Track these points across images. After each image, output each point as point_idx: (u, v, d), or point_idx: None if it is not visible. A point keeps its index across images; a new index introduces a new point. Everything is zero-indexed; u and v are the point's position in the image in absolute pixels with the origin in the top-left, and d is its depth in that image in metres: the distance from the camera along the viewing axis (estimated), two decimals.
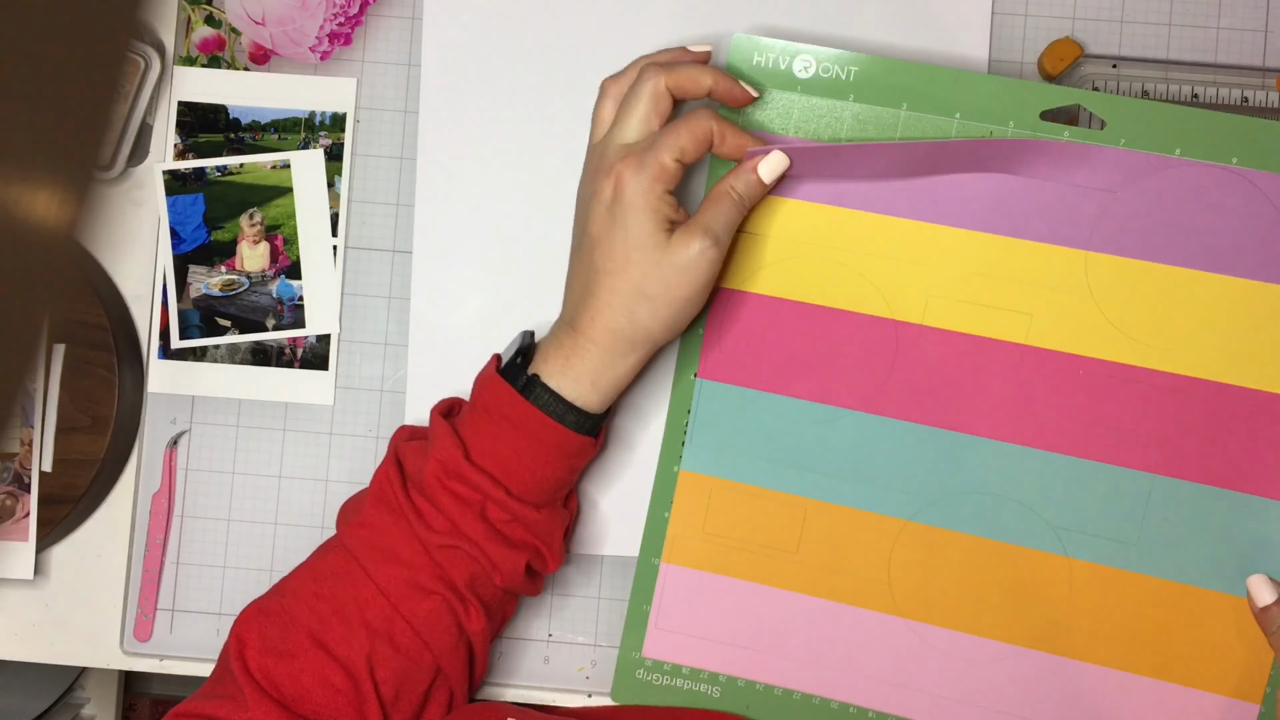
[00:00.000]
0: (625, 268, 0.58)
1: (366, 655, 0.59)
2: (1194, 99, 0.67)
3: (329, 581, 0.60)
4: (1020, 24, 0.69)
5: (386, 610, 0.59)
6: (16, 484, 0.67)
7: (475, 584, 0.60)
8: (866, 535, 0.63)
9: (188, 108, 0.69)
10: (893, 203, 0.62)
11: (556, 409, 0.59)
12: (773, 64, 0.62)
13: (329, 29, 0.69)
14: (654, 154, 0.58)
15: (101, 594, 0.69)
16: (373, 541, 0.60)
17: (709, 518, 0.64)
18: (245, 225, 0.69)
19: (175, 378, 0.69)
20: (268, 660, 0.59)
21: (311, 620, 0.59)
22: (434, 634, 0.60)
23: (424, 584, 0.59)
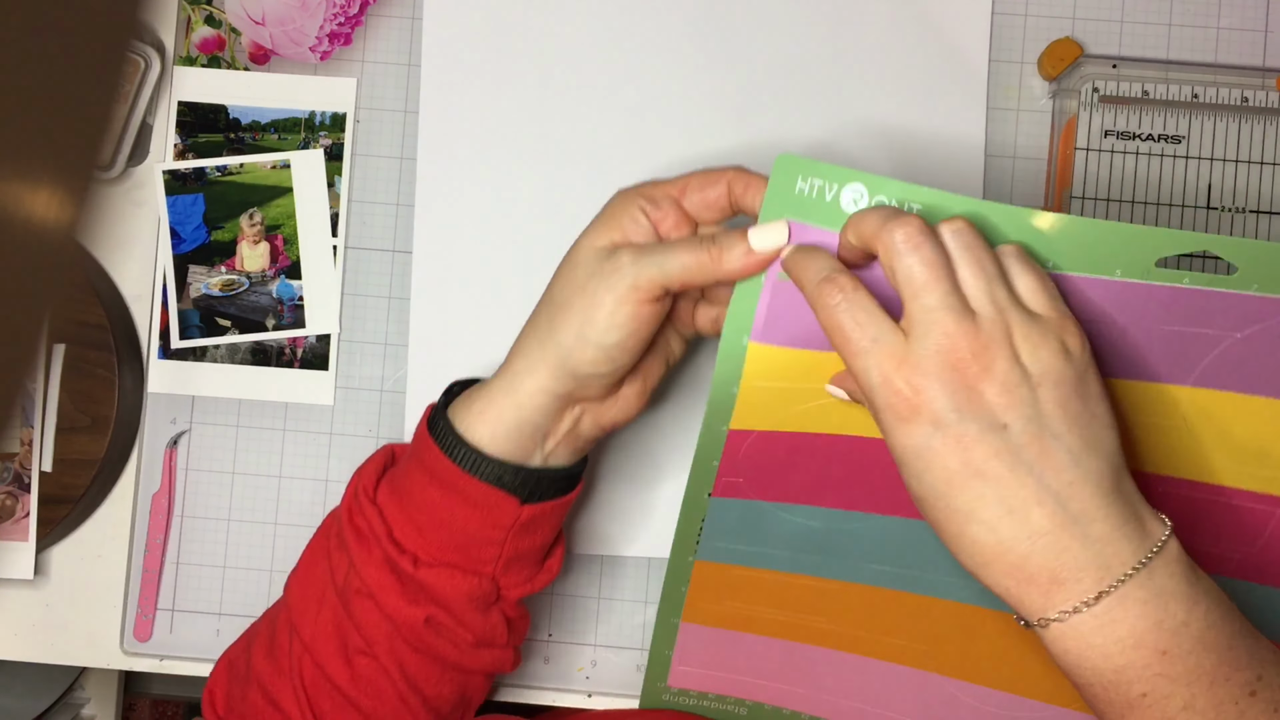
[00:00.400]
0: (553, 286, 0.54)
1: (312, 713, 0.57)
2: (1194, 99, 0.67)
3: (280, 633, 0.58)
4: (1020, 24, 0.69)
5: (311, 669, 0.56)
6: (16, 484, 0.67)
7: (387, 644, 0.56)
8: (904, 610, 0.59)
9: (188, 108, 0.69)
10: None
11: (448, 442, 0.54)
12: (818, 192, 0.51)
13: (329, 29, 0.69)
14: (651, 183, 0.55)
15: (101, 594, 0.69)
16: (296, 586, 0.59)
17: (729, 597, 0.61)
18: (245, 225, 0.69)
19: (175, 378, 0.69)
20: (232, 718, 0.59)
21: (263, 675, 0.58)
22: (366, 695, 0.56)
23: (333, 636, 0.56)
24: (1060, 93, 0.68)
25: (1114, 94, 0.67)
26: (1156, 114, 0.67)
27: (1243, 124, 0.67)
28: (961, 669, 0.61)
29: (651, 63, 0.68)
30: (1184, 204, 0.67)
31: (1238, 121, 0.67)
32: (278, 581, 0.69)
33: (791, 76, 0.68)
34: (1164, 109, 0.67)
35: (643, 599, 0.68)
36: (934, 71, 0.68)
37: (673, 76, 0.68)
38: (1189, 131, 0.67)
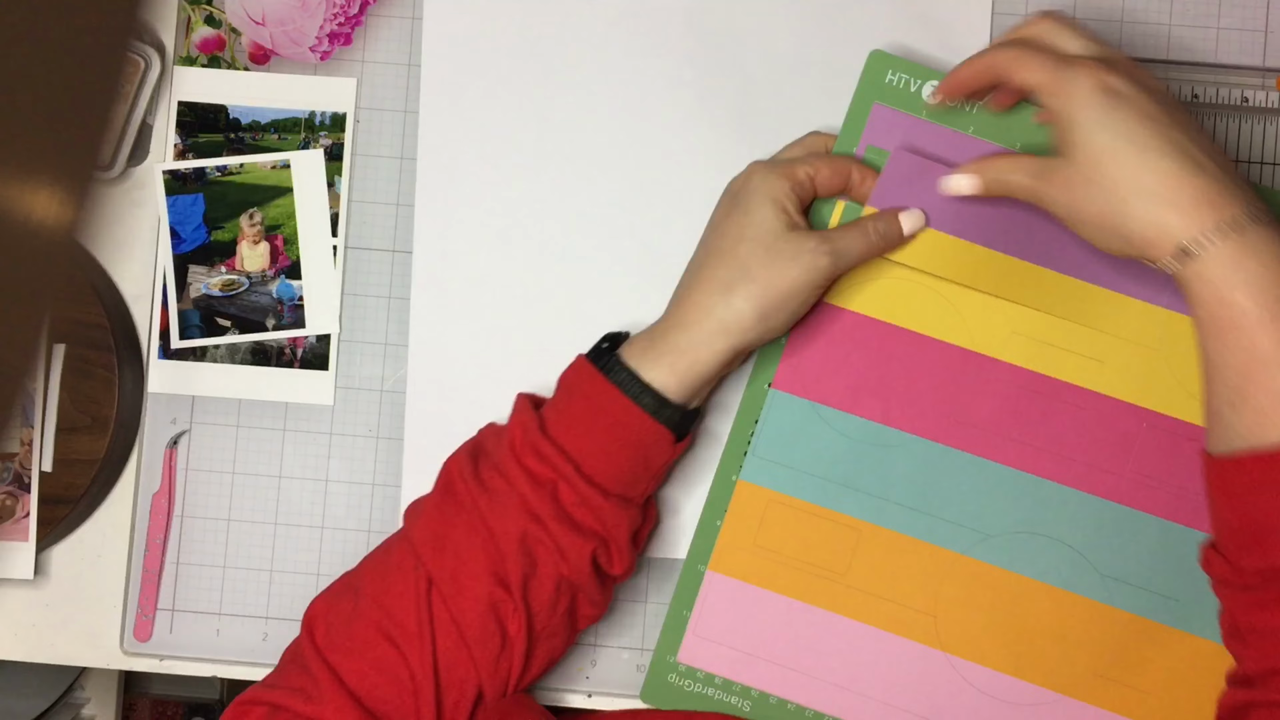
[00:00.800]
0: (735, 246, 0.59)
1: (430, 650, 0.58)
2: (1194, 99, 0.67)
3: (393, 575, 0.59)
4: None
5: (438, 605, 0.58)
6: (16, 484, 0.67)
7: (528, 585, 0.59)
8: (918, 565, 0.63)
9: (188, 108, 0.69)
10: (995, 236, 0.62)
11: (633, 388, 0.58)
12: (903, 84, 0.64)
13: (329, 29, 0.69)
14: (788, 162, 0.61)
15: (101, 594, 0.69)
16: (432, 529, 0.59)
17: (762, 530, 0.64)
18: (245, 225, 0.69)
19: (175, 378, 0.69)
20: (335, 655, 0.58)
21: (376, 613, 0.59)
22: (480, 640, 0.58)
23: (480, 576, 0.58)
24: None
25: None
26: None
27: (1243, 124, 0.67)
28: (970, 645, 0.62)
29: (651, 63, 0.68)
30: None
31: (1238, 121, 0.67)
32: (278, 581, 0.69)
33: (791, 76, 0.68)
34: None
35: (643, 599, 0.68)
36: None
37: (672, 76, 0.68)
38: None
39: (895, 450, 0.64)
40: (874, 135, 0.64)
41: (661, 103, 0.68)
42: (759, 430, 0.64)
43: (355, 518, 0.69)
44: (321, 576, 0.68)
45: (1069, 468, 0.63)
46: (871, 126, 0.64)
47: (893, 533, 0.63)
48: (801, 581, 0.64)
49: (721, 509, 0.64)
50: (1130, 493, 0.63)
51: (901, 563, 0.63)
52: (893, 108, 0.64)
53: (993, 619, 0.63)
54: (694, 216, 0.69)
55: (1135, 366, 0.63)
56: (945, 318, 0.64)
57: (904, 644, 0.63)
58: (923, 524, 0.63)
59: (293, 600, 0.69)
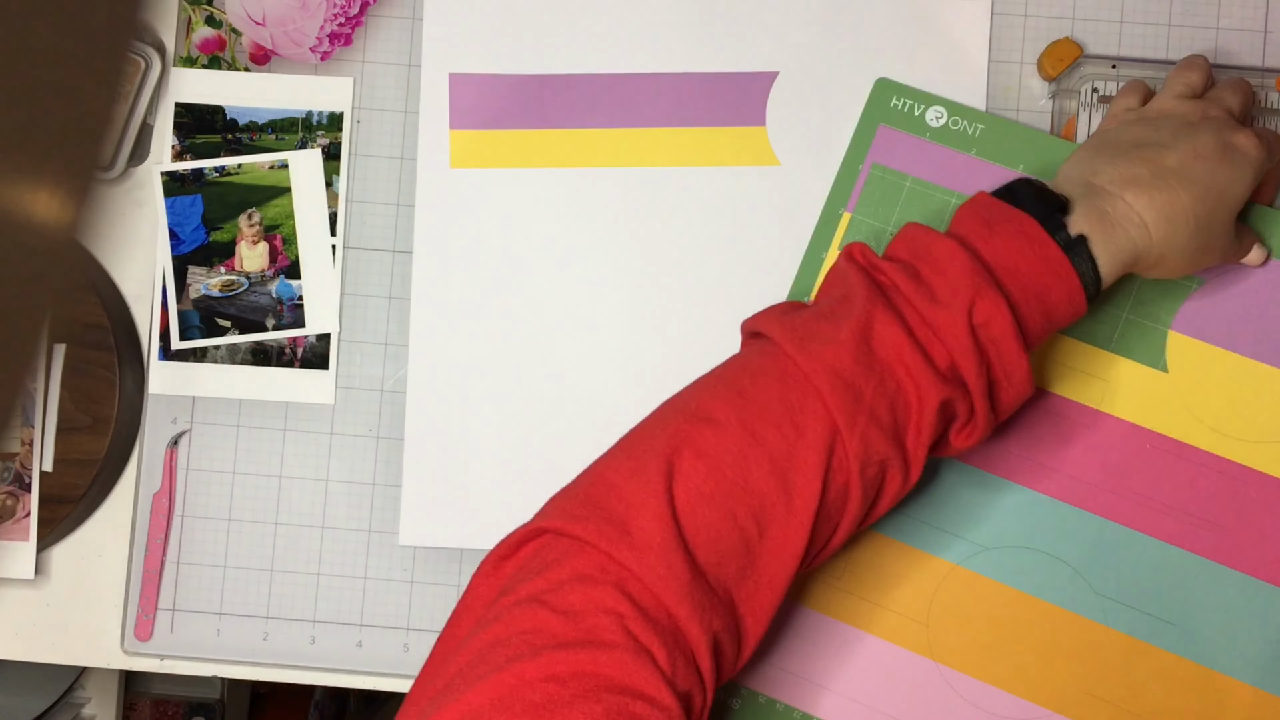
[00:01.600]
0: (1218, 197, 0.57)
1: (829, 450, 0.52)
2: None
3: (761, 381, 0.53)
4: (1020, 24, 0.69)
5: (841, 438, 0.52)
6: (17, 484, 0.67)
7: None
8: (913, 572, 0.64)
9: (185, 109, 0.69)
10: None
11: (1088, 278, 0.55)
12: (907, 108, 0.67)
13: (329, 29, 0.69)
14: (1270, 144, 0.60)
15: (102, 594, 0.69)
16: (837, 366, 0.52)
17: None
18: (244, 225, 0.69)
19: (176, 378, 0.69)
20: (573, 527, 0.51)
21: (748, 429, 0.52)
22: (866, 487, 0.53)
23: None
24: (1060, 93, 0.68)
25: (1114, 94, 0.67)
26: None
27: None
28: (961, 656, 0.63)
29: (651, 62, 0.68)
30: None
31: None
32: (278, 581, 0.69)
33: (792, 77, 0.68)
34: None
35: None
36: (934, 72, 0.68)
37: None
38: None
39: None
40: (879, 154, 0.66)
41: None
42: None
43: (355, 518, 0.69)
44: (322, 576, 0.69)
45: (1069, 485, 0.63)
46: (876, 147, 0.66)
47: (890, 539, 0.64)
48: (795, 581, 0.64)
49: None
50: (1130, 513, 0.63)
51: (897, 569, 0.64)
52: (897, 129, 0.66)
53: (984, 631, 0.63)
54: (694, 215, 0.69)
55: (1141, 387, 0.63)
56: None
57: (894, 650, 0.63)
58: (921, 532, 0.64)
59: (292, 600, 0.69)
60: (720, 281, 0.68)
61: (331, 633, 0.68)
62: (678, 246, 0.68)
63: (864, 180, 0.67)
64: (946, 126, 0.66)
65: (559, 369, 0.68)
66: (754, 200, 0.68)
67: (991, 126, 0.66)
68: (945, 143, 0.66)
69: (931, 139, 0.66)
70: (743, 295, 0.68)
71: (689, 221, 0.68)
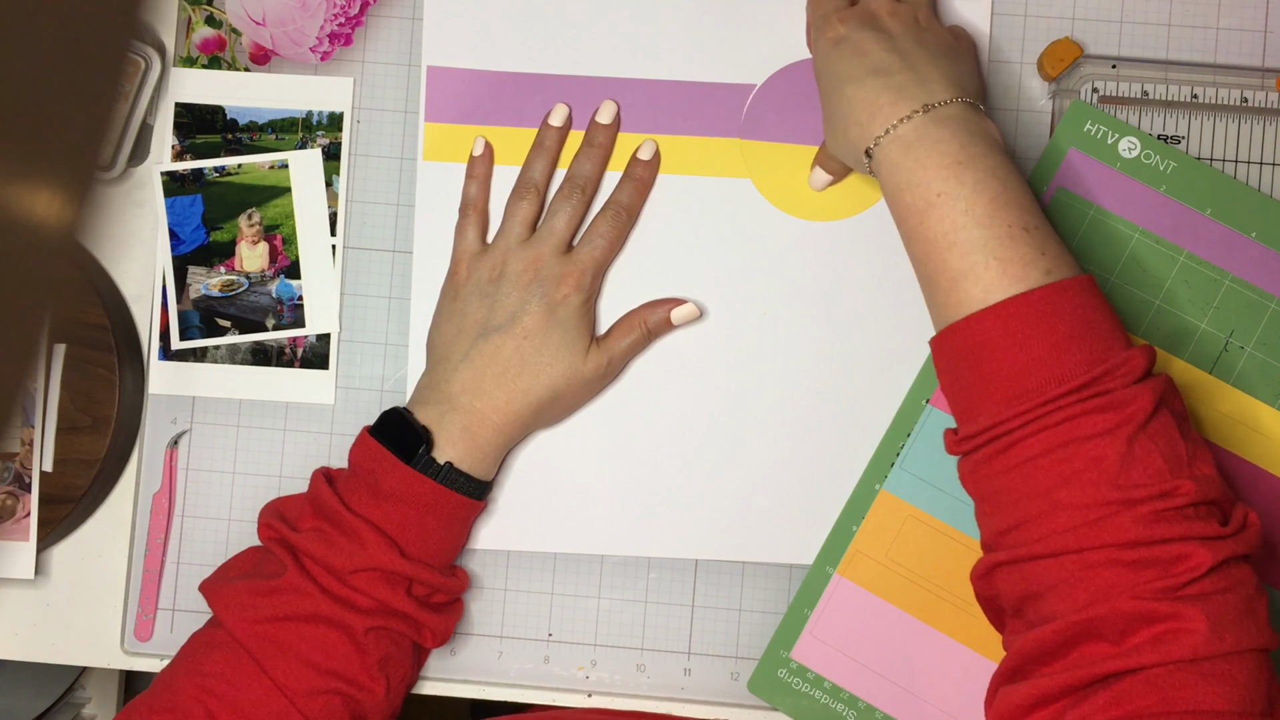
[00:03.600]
0: (552, 365, 0.63)
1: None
2: (1193, 99, 0.67)
3: (218, 682, 0.59)
4: (1020, 24, 0.69)
5: (284, 707, 0.59)
6: (17, 484, 0.67)
7: (388, 663, 0.61)
8: None
9: (185, 109, 0.69)
10: None
11: (470, 489, 0.62)
12: (1101, 135, 0.65)
13: (329, 29, 0.69)
14: (595, 272, 0.65)
15: (102, 594, 0.69)
16: (276, 637, 0.60)
17: (896, 544, 0.64)
18: (244, 225, 0.69)
19: (176, 379, 0.69)
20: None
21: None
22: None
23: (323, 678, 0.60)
24: (1060, 93, 0.68)
25: (1113, 94, 0.67)
26: (1156, 114, 0.67)
27: (1242, 124, 0.67)
28: None
29: (650, 66, 0.68)
30: None
31: (1237, 121, 0.67)
32: None
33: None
34: (1163, 109, 0.67)
35: (642, 599, 0.68)
36: None
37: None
38: (1189, 131, 0.67)
39: None
40: (1066, 179, 0.65)
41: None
42: (910, 444, 0.64)
43: None
44: None
45: None
46: (1064, 171, 0.65)
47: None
48: (926, 601, 0.63)
49: (859, 515, 0.64)
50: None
51: None
52: (1088, 155, 0.65)
53: None
54: (693, 211, 0.69)
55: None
56: None
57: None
58: None
59: None
60: (692, 283, 0.68)
61: None
62: (648, 249, 0.68)
63: (1046, 202, 0.65)
64: (1139, 159, 0.64)
65: None
66: (731, 208, 0.68)
67: (1184, 165, 0.65)
68: (1135, 175, 0.65)
69: (1122, 169, 0.65)
70: (714, 294, 0.68)
71: (667, 226, 0.68)
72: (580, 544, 0.67)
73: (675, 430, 0.67)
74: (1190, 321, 0.64)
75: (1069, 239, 0.64)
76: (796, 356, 0.67)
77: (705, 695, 0.68)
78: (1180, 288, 0.64)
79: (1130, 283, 0.64)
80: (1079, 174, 0.65)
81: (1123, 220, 0.64)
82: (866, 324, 0.67)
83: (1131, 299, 0.64)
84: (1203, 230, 0.64)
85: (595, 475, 0.67)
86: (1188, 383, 0.64)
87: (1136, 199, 0.64)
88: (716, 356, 0.67)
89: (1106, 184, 0.64)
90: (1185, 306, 0.64)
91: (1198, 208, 0.64)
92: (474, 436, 0.62)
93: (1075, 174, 0.65)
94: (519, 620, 0.68)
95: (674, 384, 0.68)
